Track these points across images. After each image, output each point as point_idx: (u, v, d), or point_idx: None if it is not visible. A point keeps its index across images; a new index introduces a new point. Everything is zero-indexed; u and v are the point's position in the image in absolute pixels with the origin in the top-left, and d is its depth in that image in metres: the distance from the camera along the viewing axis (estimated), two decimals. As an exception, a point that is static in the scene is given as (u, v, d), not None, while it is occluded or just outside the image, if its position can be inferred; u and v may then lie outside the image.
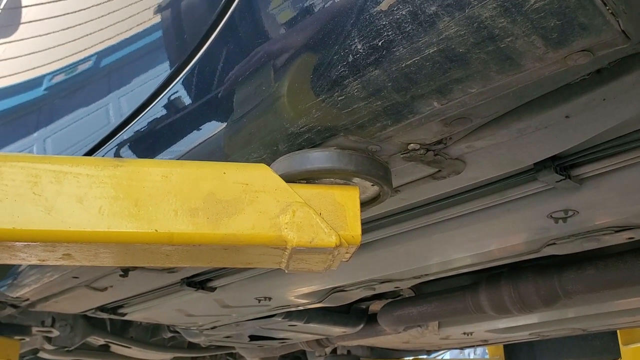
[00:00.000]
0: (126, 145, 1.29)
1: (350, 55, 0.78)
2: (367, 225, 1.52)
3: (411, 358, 3.96)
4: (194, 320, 2.74)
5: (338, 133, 0.89)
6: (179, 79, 1.12)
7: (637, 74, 0.81)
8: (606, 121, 0.94)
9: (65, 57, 1.54)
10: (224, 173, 0.86)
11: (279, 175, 0.89)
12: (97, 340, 3.25)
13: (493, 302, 1.96)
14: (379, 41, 0.74)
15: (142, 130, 1.24)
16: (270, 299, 2.25)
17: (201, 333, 3.06)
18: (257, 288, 2.12)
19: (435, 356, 5.19)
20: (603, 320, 2.50)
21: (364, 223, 1.46)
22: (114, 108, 1.34)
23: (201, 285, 2.12)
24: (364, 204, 1.01)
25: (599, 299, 2.20)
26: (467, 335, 2.93)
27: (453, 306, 2.13)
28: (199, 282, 2.12)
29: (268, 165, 0.91)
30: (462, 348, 4.03)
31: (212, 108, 1.06)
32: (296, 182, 0.91)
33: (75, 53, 1.50)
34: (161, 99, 1.18)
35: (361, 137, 0.89)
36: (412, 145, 0.94)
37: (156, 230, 0.82)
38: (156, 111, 1.19)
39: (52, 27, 1.64)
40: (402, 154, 0.96)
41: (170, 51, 1.21)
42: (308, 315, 2.59)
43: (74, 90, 1.52)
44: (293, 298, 2.26)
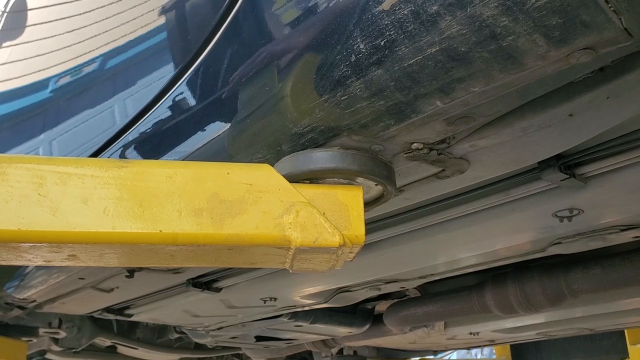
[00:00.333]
0: (131, 146, 1.30)
1: (352, 55, 0.78)
2: (372, 225, 1.52)
3: (418, 358, 3.95)
4: (200, 321, 2.74)
5: (341, 133, 0.89)
6: (183, 80, 1.13)
7: (641, 72, 0.81)
8: (610, 119, 0.94)
9: (70, 60, 1.55)
10: (228, 173, 0.87)
11: (283, 175, 0.89)
12: (104, 341, 3.26)
13: (499, 302, 1.95)
14: (382, 41, 0.74)
15: (147, 131, 1.24)
16: (275, 300, 2.25)
17: (207, 334, 3.06)
18: (263, 288, 2.12)
19: (442, 356, 5.18)
20: (610, 319, 2.49)
21: (369, 223, 1.47)
22: (119, 110, 1.35)
23: (207, 285, 2.12)
24: (368, 204, 1.01)
25: (606, 299, 2.19)
26: (474, 335, 2.92)
27: (459, 306, 2.12)
28: (205, 283, 2.12)
29: (272, 165, 0.91)
30: (469, 348, 4.02)
31: (216, 109, 1.07)
32: (300, 182, 0.91)
33: (79, 55, 1.51)
34: (165, 100, 1.18)
35: (364, 137, 0.90)
36: (416, 144, 0.94)
37: (160, 230, 0.82)
38: (160, 112, 1.20)
39: (57, 30, 1.65)
40: (406, 154, 0.96)
41: (174, 52, 1.22)
42: (314, 315, 2.59)
43: (79, 92, 1.53)
44: (299, 298, 2.27)
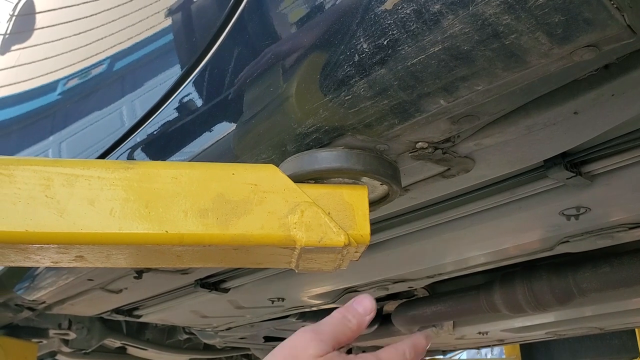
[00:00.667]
0: (138, 147, 1.31)
1: (356, 54, 0.78)
2: (378, 224, 1.52)
3: (427, 358, 3.95)
4: (209, 321, 2.75)
5: (346, 133, 0.89)
6: (189, 82, 1.13)
7: (646, 69, 0.80)
8: (616, 117, 0.93)
9: (77, 62, 1.56)
10: (233, 174, 0.87)
11: (288, 175, 0.90)
12: (114, 342, 3.27)
13: (507, 301, 1.94)
14: (385, 40, 0.75)
15: (154, 132, 1.25)
16: (283, 300, 2.26)
17: (216, 334, 3.07)
18: (270, 289, 2.13)
19: (451, 356, 5.17)
20: (620, 318, 2.47)
21: (375, 223, 1.47)
22: (126, 111, 1.36)
23: (215, 286, 2.13)
24: (373, 203, 1.01)
25: (616, 297, 2.18)
26: (483, 335, 2.92)
27: (467, 305, 2.12)
28: (213, 284, 2.13)
29: (277, 165, 0.92)
30: (478, 348, 4.00)
31: (222, 109, 1.07)
32: (304, 182, 0.91)
33: (86, 58, 1.52)
34: (171, 102, 1.19)
35: (369, 137, 0.90)
36: (420, 143, 0.93)
37: (167, 231, 0.83)
38: (167, 114, 1.20)
39: (64, 33, 1.66)
40: (411, 153, 0.96)
41: (180, 54, 1.22)
42: (322, 315, 2.57)
43: (86, 94, 1.54)
44: (306, 299, 2.27)
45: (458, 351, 4.58)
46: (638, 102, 0.89)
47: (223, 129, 1.08)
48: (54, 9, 1.81)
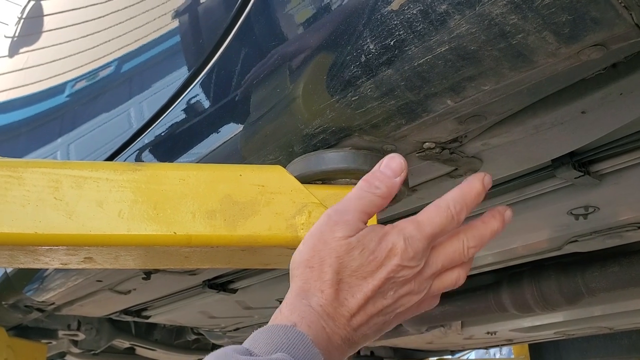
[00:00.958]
0: (146, 149, 1.31)
1: (362, 55, 0.78)
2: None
3: (435, 359, 3.94)
4: (217, 322, 2.76)
5: (353, 133, 0.89)
6: (196, 83, 1.14)
7: (654, 68, 0.80)
8: (624, 116, 0.93)
9: (84, 65, 1.56)
10: (240, 175, 0.87)
11: (295, 176, 0.90)
12: (123, 343, 3.29)
13: (515, 301, 1.94)
14: (391, 41, 0.75)
15: (161, 134, 1.26)
16: (291, 301, 2.25)
17: (224, 335, 3.08)
18: (278, 289, 2.13)
19: (460, 356, 5.15)
20: (630, 318, 2.46)
21: (382, 223, 1.46)
22: (134, 113, 1.36)
23: (223, 287, 2.13)
24: (381, 204, 1.01)
25: (625, 297, 2.17)
26: (491, 334, 2.91)
27: (475, 305, 2.11)
28: (221, 284, 2.13)
29: (284, 166, 0.92)
30: (487, 348, 3.99)
31: (229, 111, 1.07)
32: (312, 183, 0.91)
33: (94, 60, 1.53)
34: (179, 104, 1.19)
35: (376, 137, 0.90)
36: (428, 144, 0.93)
37: (175, 232, 0.83)
38: (174, 115, 1.21)
39: (72, 35, 1.67)
40: (418, 153, 0.96)
41: (187, 55, 1.23)
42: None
43: (94, 96, 1.55)
44: (314, 299, 2.26)
45: (466, 351, 4.56)
46: (646, 101, 0.88)
47: (230, 131, 1.08)
48: (62, 12, 1.82)
